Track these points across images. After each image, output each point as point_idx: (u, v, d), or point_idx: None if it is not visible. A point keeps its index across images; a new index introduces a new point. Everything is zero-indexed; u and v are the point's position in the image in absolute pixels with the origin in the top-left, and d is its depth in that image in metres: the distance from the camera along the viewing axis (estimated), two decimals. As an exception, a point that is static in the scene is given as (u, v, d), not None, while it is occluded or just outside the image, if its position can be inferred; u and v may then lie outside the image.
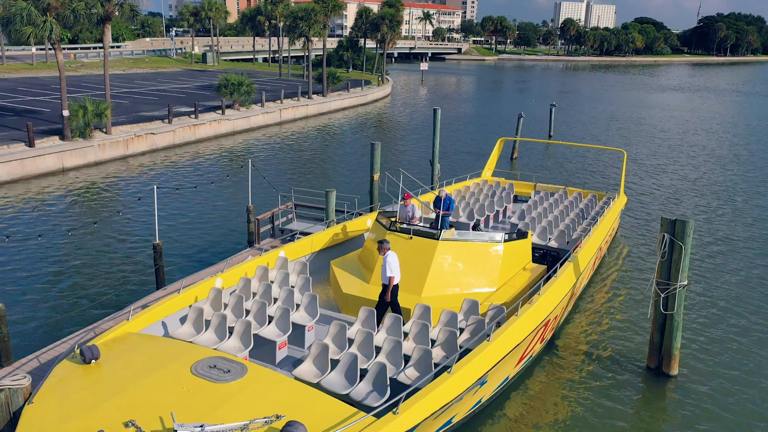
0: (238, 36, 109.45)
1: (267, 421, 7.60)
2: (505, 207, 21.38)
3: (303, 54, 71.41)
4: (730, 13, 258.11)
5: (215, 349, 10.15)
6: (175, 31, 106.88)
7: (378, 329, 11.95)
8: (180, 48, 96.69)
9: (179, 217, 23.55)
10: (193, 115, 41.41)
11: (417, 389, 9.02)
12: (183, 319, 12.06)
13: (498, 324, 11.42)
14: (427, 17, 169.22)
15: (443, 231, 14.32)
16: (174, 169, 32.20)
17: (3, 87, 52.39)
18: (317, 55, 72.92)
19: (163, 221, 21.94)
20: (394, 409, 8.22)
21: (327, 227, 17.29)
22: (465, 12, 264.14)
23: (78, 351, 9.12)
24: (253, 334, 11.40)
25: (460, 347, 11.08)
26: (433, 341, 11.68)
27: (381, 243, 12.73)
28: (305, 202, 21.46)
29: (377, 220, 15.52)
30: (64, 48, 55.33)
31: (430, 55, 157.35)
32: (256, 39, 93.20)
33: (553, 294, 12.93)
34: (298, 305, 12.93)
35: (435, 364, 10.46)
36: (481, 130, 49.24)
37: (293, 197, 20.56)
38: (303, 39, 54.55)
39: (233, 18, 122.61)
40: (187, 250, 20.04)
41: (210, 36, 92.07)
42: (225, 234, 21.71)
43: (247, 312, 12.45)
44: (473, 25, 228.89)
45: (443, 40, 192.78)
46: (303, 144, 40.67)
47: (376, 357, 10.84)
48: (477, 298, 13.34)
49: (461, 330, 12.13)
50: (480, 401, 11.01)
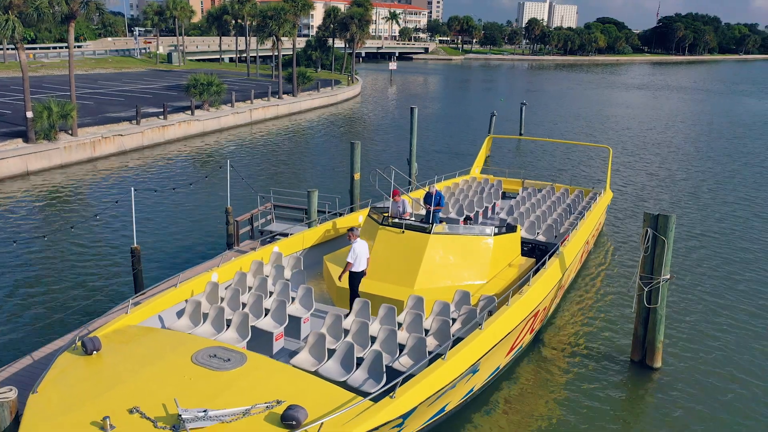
0: (202, 36, 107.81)
1: (268, 406, 7.77)
2: (494, 203, 21.79)
3: (271, 54, 70.82)
4: (687, 14, 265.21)
5: (214, 340, 10.31)
6: (138, 31, 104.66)
7: (347, 314, 12.43)
8: (144, 48, 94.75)
9: (156, 220, 23.03)
10: (162, 116, 40.60)
11: (412, 375, 9.22)
12: (179, 313, 12.20)
13: (490, 313, 11.70)
14: (394, 17, 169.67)
15: (434, 225, 14.56)
16: (146, 172, 31.50)
17: (-41, 88, 50.59)
18: (285, 55, 72.32)
19: (140, 224, 21.43)
20: (391, 394, 8.45)
21: (309, 227, 17.15)
22: (430, 12, 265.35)
23: (79, 343, 9.22)
24: (251, 325, 11.58)
25: (452, 336, 11.35)
26: (427, 330, 11.95)
27: (351, 230, 13.22)
28: (284, 202, 21.21)
29: (369, 215, 15.68)
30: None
31: (397, 55, 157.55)
32: (222, 39, 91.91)
33: (543, 285, 13.29)
34: (293, 298, 13.13)
35: (429, 351, 10.73)
36: (453, 129, 49.50)
37: (272, 198, 20.29)
38: (272, 38, 54.01)
39: (197, 18, 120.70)
40: (164, 254, 19.59)
41: (174, 35, 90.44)
42: (203, 236, 21.30)
43: (244, 305, 12.64)
44: (439, 25, 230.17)
45: (410, 39, 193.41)
46: (276, 144, 40.26)
47: (371, 346, 11.07)
48: (468, 289, 13.56)
49: (453, 320, 12.38)
50: (472, 390, 11.27)
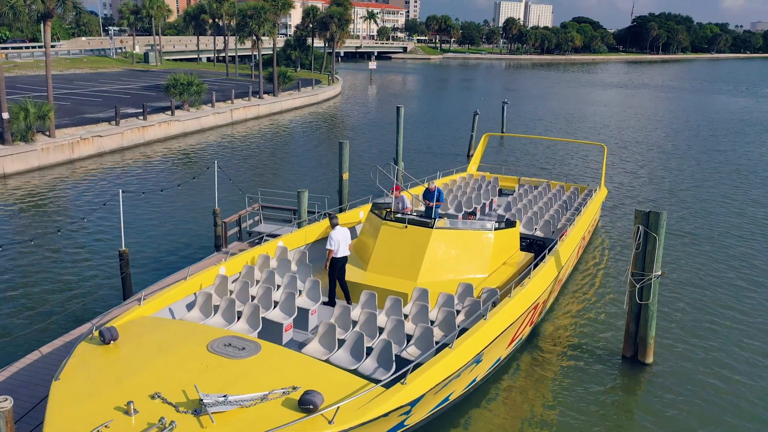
0: (179, 35, 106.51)
1: (284, 392, 8.03)
2: (491, 200, 22.17)
3: (250, 53, 70.24)
4: (661, 13, 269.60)
5: (228, 330, 10.50)
6: (114, 31, 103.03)
7: (348, 302, 13.05)
8: (120, 47, 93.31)
9: (142, 223, 22.65)
10: (142, 117, 39.99)
11: (420, 364, 9.49)
12: (189, 306, 12.44)
13: (493, 304, 12.04)
14: (372, 16, 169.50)
15: (436, 220, 14.85)
16: (127, 173, 30.98)
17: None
18: (265, 55, 71.80)
19: (126, 227, 21.07)
20: (402, 380, 8.73)
21: (299, 228, 17.07)
22: (408, 11, 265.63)
23: (96, 333, 9.41)
24: (261, 317, 11.84)
25: (458, 326, 11.62)
26: (432, 321, 12.26)
27: (330, 218, 13.78)
28: (271, 203, 21.01)
29: (372, 211, 15.96)
30: (-4, 47, 52.50)
31: (376, 54, 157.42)
32: (199, 38, 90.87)
33: (543, 278, 13.74)
34: (300, 291, 13.39)
35: (435, 341, 11.07)
36: (433, 129, 49.54)
37: (260, 199, 20.09)
38: (252, 38, 53.56)
39: (173, 17, 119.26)
40: (151, 257, 19.28)
41: (150, 35, 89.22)
42: (192, 238, 21.00)
43: (253, 297, 12.90)
44: (417, 25, 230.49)
45: (388, 39, 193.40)
46: (259, 145, 39.91)
47: (379, 336, 11.36)
48: (470, 283, 13.84)
49: (458, 311, 12.67)
50: (475, 380, 11.65)
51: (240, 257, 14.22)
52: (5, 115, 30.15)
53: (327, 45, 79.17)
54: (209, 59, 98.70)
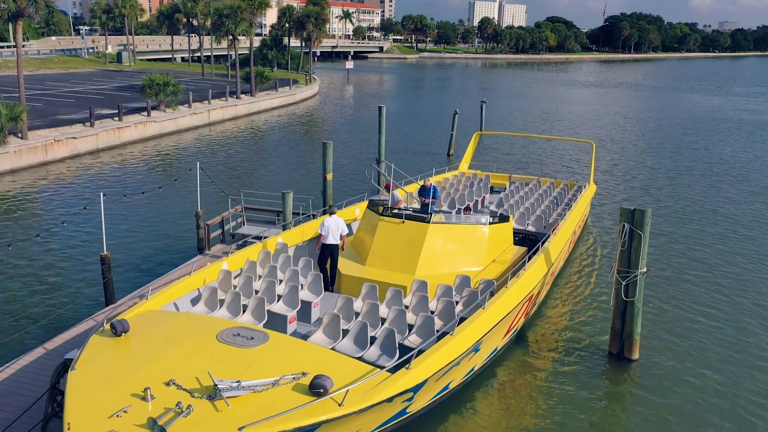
0: (152, 35, 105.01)
1: (294, 378, 8.32)
2: (483, 197, 22.61)
3: (226, 53, 69.55)
4: (632, 13, 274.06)
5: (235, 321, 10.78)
6: (85, 30, 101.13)
7: (330, 289, 13.85)
8: (92, 47, 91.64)
9: (123, 226, 22.24)
10: (117, 118, 39.31)
11: (423, 350, 9.87)
12: (194, 300, 12.70)
13: (491, 294, 12.38)
14: (347, 16, 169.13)
15: (433, 215, 15.29)
16: (103, 175, 30.41)
17: None
18: (241, 54, 71.20)
19: (107, 230, 20.69)
20: (407, 366, 9.15)
21: (283, 230, 16.93)
22: (383, 11, 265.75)
23: (108, 325, 9.59)
24: (266, 309, 12.14)
25: (457, 316, 11.91)
26: (432, 311, 12.64)
27: (329, 207, 14.29)
28: (254, 204, 20.80)
29: (369, 207, 16.28)
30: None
31: (352, 54, 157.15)
32: (173, 38, 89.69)
33: (538, 269, 14.26)
34: (302, 284, 13.70)
35: (436, 330, 11.54)
36: (410, 128, 49.56)
37: (242, 200, 19.88)
38: (228, 38, 53.03)
39: (146, 16, 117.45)
40: (133, 262, 18.94)
41: (122, 35, 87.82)
42: (174, 241, 20.69)
43: (257, 291, 13.22)
44: (393, 24, 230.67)
45: (364, 38, 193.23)
46: (238, 146, 39.50)
47: (382, 325, 11.73)
48: (467, 275, 14.24)
49: (456, 302, 13.07)
50: (473, 369, 12.09)
51: (242, 253, 14.53)
52: (-24, 117, 29.40)
53: (303, 45, 78.72)
54: (184, 59, 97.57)
